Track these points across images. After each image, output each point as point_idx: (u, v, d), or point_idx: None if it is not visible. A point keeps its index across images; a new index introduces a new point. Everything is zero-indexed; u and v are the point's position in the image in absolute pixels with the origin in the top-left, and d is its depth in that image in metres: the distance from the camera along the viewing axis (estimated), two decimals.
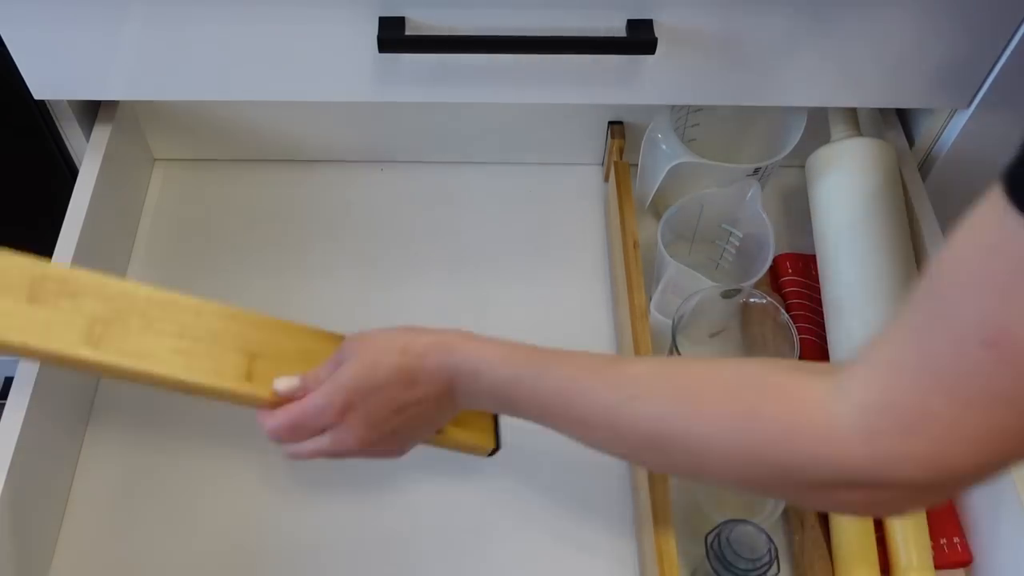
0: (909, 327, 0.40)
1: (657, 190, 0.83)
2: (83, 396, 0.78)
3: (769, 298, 0.75)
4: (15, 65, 0.73)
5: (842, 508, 0.49)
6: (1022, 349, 0.35)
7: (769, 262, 0.77)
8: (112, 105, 0.85)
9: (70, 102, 0.80)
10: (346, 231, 0.89)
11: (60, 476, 0.74)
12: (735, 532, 0.67)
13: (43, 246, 0.76)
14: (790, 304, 0.83)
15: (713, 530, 0.67)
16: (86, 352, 0.61)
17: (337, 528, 0.74)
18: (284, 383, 0.63)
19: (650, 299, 0.80)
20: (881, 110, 0.88)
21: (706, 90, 0.76)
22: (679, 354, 0.72)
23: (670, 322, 0.74)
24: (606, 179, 0.92)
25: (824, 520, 0.73)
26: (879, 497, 0.43)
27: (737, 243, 0.82)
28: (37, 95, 0.76)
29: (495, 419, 0.70)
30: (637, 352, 0.76)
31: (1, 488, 0.64)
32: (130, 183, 0.90)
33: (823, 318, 0.78)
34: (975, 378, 0.36)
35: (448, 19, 0.70)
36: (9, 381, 0.96)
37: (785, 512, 0.74)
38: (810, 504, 0.46)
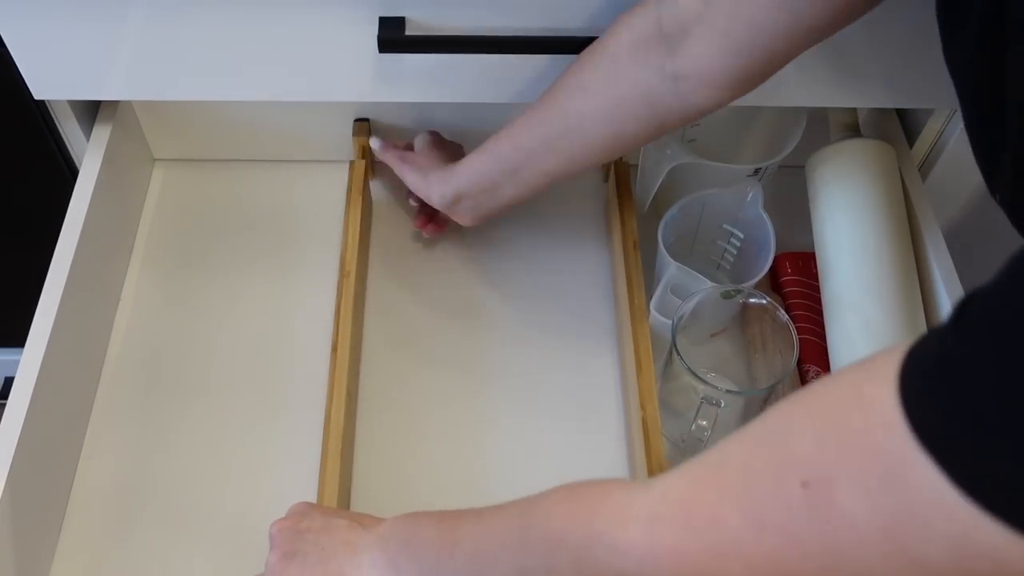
0: (747, 436, 0.39)
1: (657, 191, 0.83)
2: (83, 396, 0.78)
3: (769, 298, 0.75)
4: (15, 65, 0.73)
5: None
6: (835, 508, 0.34)
7: (770, 263, 0.77)
8: (112, 105, 0.85)
9: (70, 102, 0.80)
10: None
11: (60, 476, 0.74)
12: None
13: (43, 246, 0.76)
14: (790, 304, 0.83)
15: None
16: None
17: None
18: None
19: (650, 299, 0.80)
20: (881, 110, 0.88)
21: None
22: (679, 355, 0.72)
23: (670, 322, 0.74)
24: (606, 179, 0.92)
25: None
26: None
27: (738, 244, 0.82)
28: (37, 95, 0.76)
29: None
30: (637, 352, 0.76)
31: (1, 488, 0.64)
32: (130, 183, 0.90)
33: (823, 318, 0.78)
34: (780, 510, 0.36)
35: (448, 19, 0.70)
36: (9, 381, 0.96)
37: None
38: None
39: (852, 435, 0.34)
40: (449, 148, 0.85)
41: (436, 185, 0.79)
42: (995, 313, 0.31)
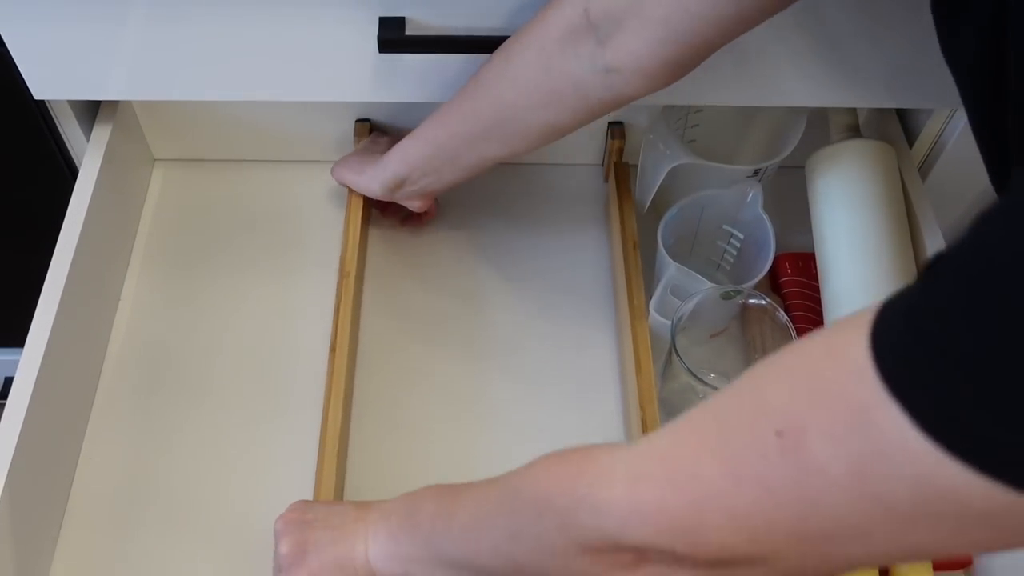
0: (722, 394, 0.41)
1: (657, 191, 0.83)
2: (83, 396, 0.78)
3: (769, 299, 0.75)
4: (15, 65, 0.73)
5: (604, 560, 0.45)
6: (806, 455, 0.35)
7: (770, 263, 0.77)
8: (112, 105, 0.85)
9: (70, 102, 0.80)
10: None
11: (60, 476, 0.74)
12: None
13: (43, 246, 0.76)
14: (789, 304, 0.83)
15: None
16: None
17: None
18: None
19: (650, 300, 0.80)
20: (881, 110, 0.88)
21: (706, 90, 0.76)
22: (678, 355, 0.72)
23: (670, 323, 0.74)
24: (606, 179, 0.92)
25: None
26: (627, 560, 0.42)
27: (738, 244, 0.82)
28: (37, 95, 0.76)
29: None
30: (637, 352, 0.76)
31: (1, 488, 0.64)
32: (130, 183, 0.90)
33: (823, 318, 0.78)
34: (756, 461, 0.36)
35: (448, 19, 0.70)
36: (9, 381, 0.96)
37: None
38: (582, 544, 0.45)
39: (824, 383, 0.35)
40: (384, 142, 0.86)
41: (374, 177, 0.80)
42: (960, 266, 0.33)
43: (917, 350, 0.33)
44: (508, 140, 0.71)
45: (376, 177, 0.80)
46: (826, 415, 0.35)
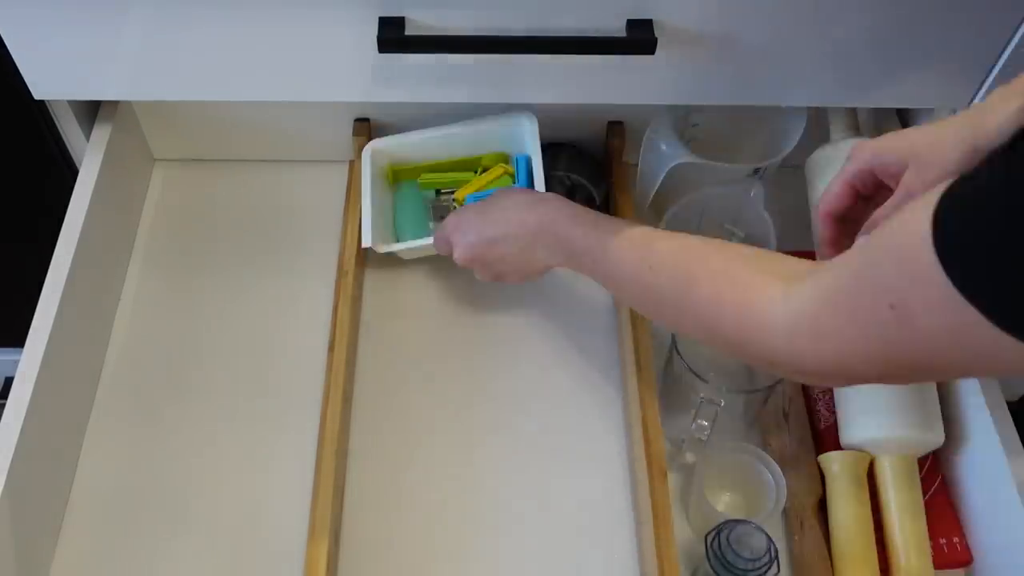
0: (850, 267, 0.50)
1: (657, 190, 0.83)
2: (83, 396, 0.78)
3: None
4: (15, 65, 0.73)
5: (777, 373, 0.67)
6: (911, 322, 0.46)
7: None
8: (112, 105, 0.85)
9: (70, 102, 0.80)
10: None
11: (60, 476, 0.74)
12: (735, 532, 0.67)
13: (43, 246, 0.76)
14: None
15: (713, 530, 0.67)
16: None
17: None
18: None
19: None
20: (881, 110, 0.88)
21: (706, 90, 0.76)
22: (679, 355, 0.72)
23: None
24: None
25: (824, 520, 0.73)
26: (797, 376, 0.57)
27: (739, 243, 0.82)
28: (37, 95, 0.76)
29: None
30: (637, 351, 0.76)
31: (1, 488, 0.64)
32: (130, 183, 0.90)
33: None
34: (877, 325, 0.47)
35: (448, 19, 0.70)
36: (9, 381, 0.96)
37: (785, 512, 0.74)
38: (756, 366, 0.70)
39: (916, 267, 0.44)
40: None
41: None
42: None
43: (968, 235, 0.42)
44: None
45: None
46: (918, 294, 0.44)
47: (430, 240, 0.81)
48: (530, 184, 0.83)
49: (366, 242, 0.82)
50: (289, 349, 0.82)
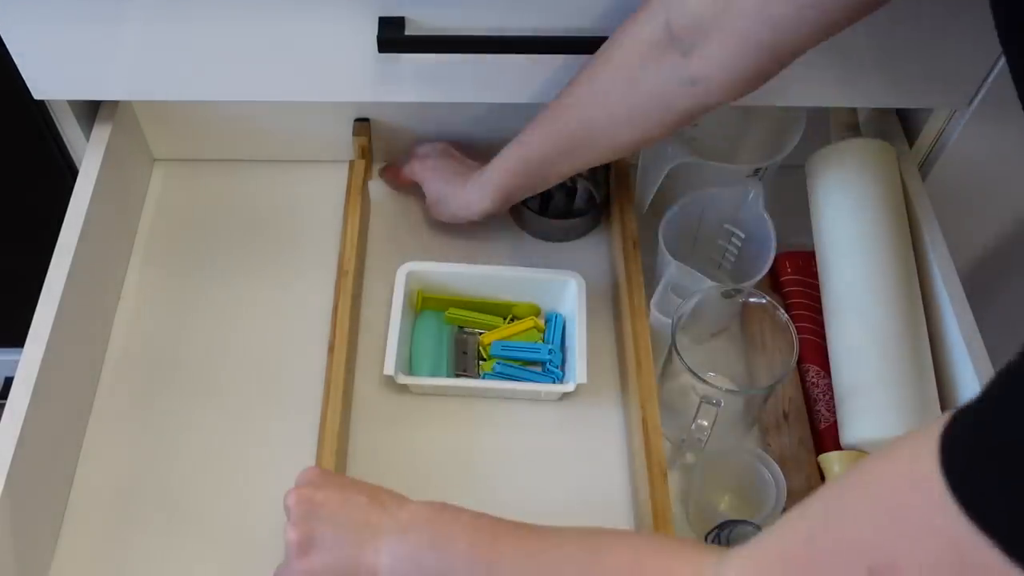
0: (804, 529, 0.41)
1: (657, 191, 0.83)
2: (83, 396, 0.78)
3: (769, 298, 0.75)
4: (15, 65, 0.74)
5: None
6: None
7: (770, 263, 0.77)
8: (112, 105, 0.85)
9: (70, 102, 0.80)
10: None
11: (60, 476, 0.74)
12: (735, 532, 0.67)
13: (43, 246, 0.76)
14: (790, 303, 0.83)
15: (713, 530, 0.67)
16: None
17: None
18: None
19: (650, 299, 0.80)
20: (881, 110, 0.88)
21: None
22: (679, 354, 0.72)
23: (670, 322, 0.74)
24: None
25: None
26: None
27: (739, 243, 0.82)
28: (37, 95, 0.76)
29: None
30: (637, 351, 0.76)
31: (1, 488, 0.64)
32: (130, 183, 0.90)
33: (823, 317, 0.78)
34: None
35: (448, 19, 0.70)
36: (9, 381, 0.96)
37: (785, 512, 0.74)
38: None
39: (908, 515, 0.35)
40: (458, 158, 0.86)
41: (482, 197, 0.80)
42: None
43: (991, 477, 0.32)
44: (596, 154, 0.73)
45: (483, 196, 0.80)
46: (917, 549, 0.34)
47: (452, 381, 0.80)
48: (562, 344, 0.81)
49: (388, 370, 0.78)
50: (289, 349, 0.82)
